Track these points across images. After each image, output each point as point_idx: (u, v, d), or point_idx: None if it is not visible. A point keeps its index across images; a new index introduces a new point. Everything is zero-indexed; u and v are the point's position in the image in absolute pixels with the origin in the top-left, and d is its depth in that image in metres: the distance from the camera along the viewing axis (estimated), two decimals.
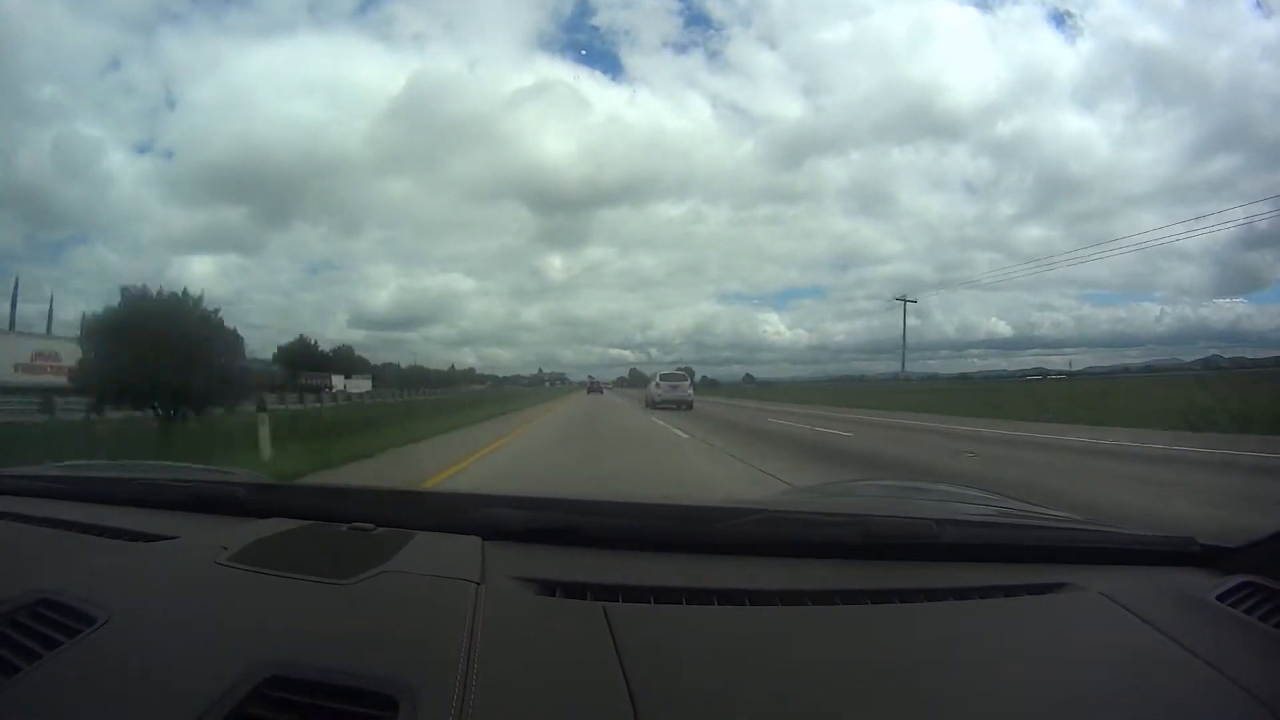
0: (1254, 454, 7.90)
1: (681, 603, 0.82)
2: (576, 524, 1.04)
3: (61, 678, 0.66)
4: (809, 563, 0.97)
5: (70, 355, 15.11)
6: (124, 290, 11.59)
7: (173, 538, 1.06)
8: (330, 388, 47.35)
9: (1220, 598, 0.87)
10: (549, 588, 0.84)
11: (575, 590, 0.83)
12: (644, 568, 0.92)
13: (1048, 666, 0.74)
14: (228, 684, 0.62)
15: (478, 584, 0.83)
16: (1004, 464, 8.19)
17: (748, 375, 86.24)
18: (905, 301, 45.24)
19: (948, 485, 2.00)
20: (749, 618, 0.81)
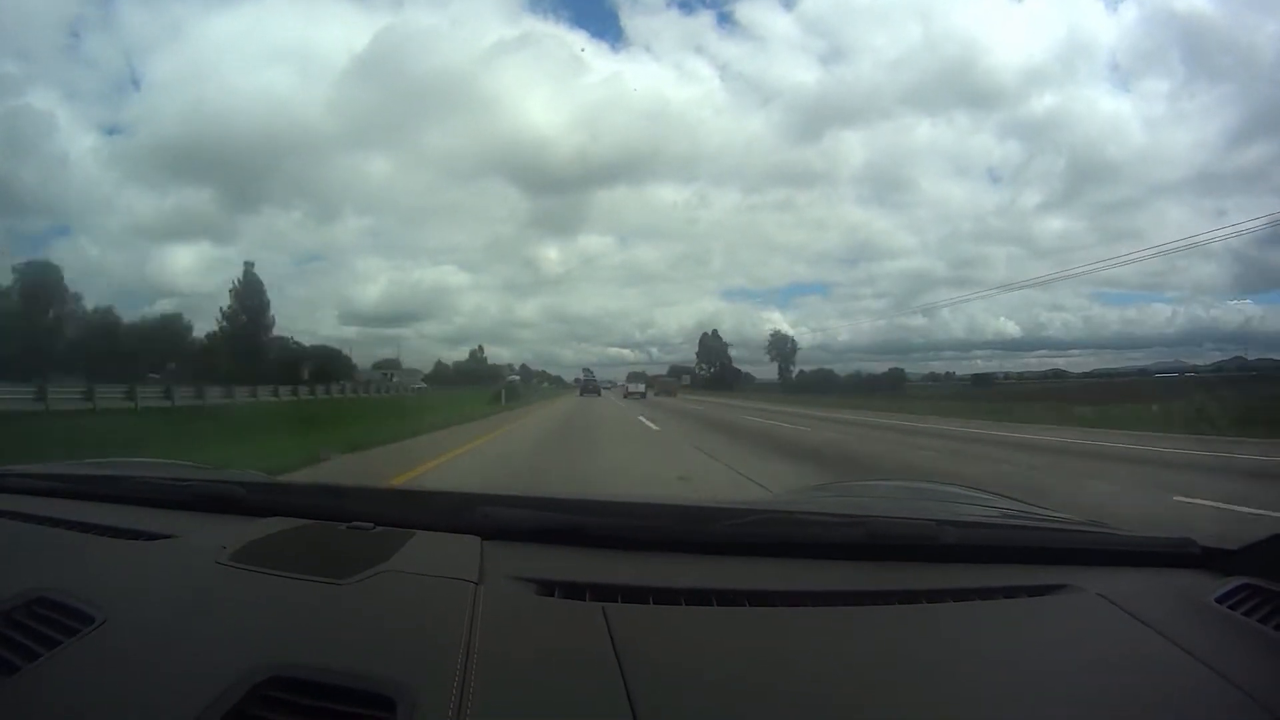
0: None
1: (680, 603, 0.82)
2: (576, 524, 1.04)
3: (60, 677, 0.66)
4: (809, 563, 0.97)
5: None
6: None
7: (172, 537, 1.06)
8: None
9: (1220, 600, 0.87)
10: (548, 588, 0.84)
11: (574, 590, 0.83)
12: (643, 568, 0.92)
13: (1046, 668, 0.74)
14: (226, 684, 0.62)
15: (476, 584, 0.83)
16: None
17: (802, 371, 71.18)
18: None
19: (949, 486, 2.00)
20: (748, 619, 0.81)
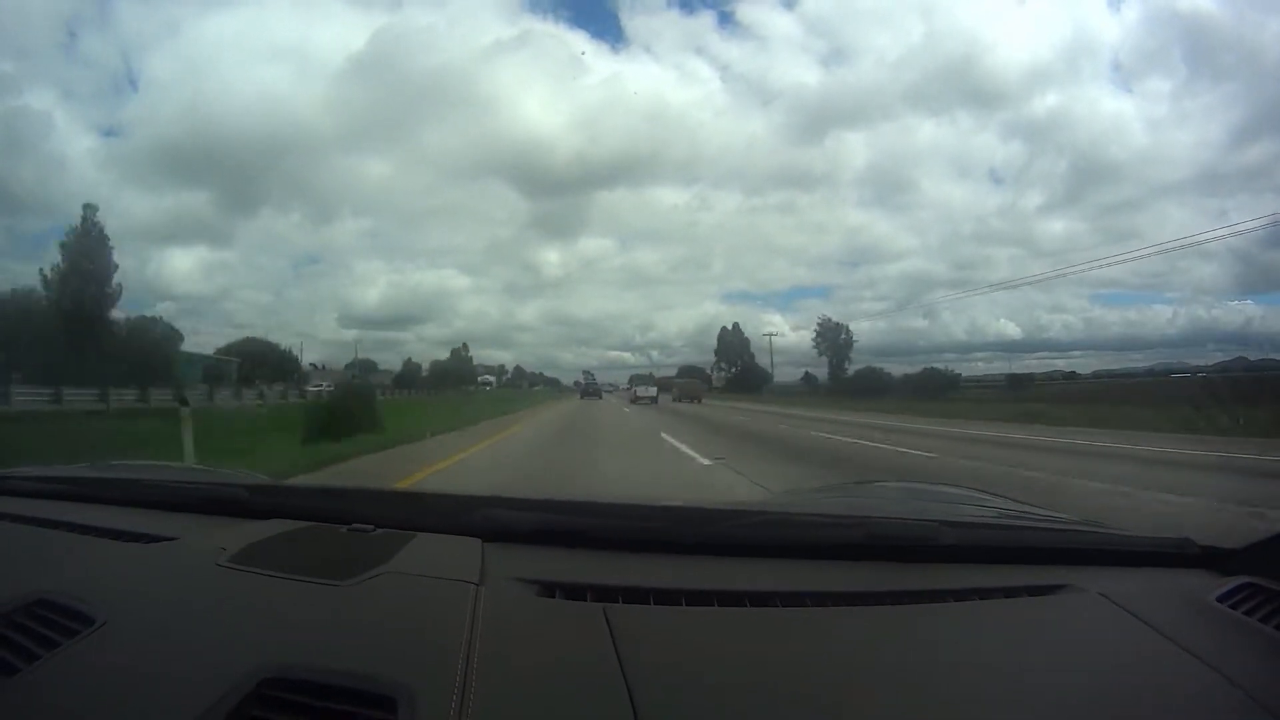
0: None
1: (681, 604, 0.82)
2: (577, 525, 1.04)
3: (60, 679, 0.66)
4: (810, 564, 0.97)
5: None
6: None
7: (172, 539, 1.06)
8: None
9: (1220, 599, 0.87)
10: (549, 589, 0.84)
11: (575, 591, 0.83)
12: (644, 569, 0.92)
13: (1047, 668, 0.74)
14: (227, 685, 0.62)
15: (477, 585, 0.83)
16: None
17: (806, 373, 63.11)
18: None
19: (948, 487, 2.00)
20: (749, 619, 0.81)
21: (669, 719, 0.60)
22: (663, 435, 13.27)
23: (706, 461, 8.88)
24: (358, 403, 14.31)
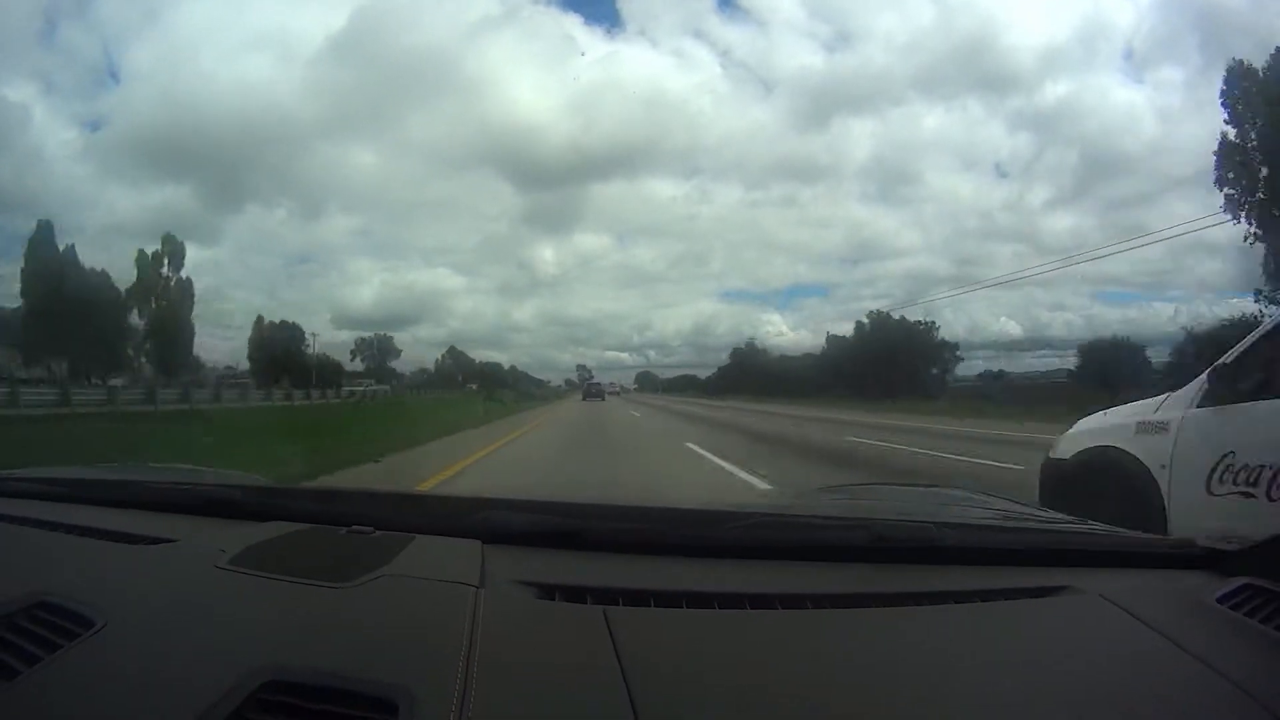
0: None
1: (682, 606, 0.82)
2: (577, 527, 1.04)
3: (60, 681, 0.66)
4: (810, 566, 0.97)
5: None
6: None
7: (171, 541, 1.06)
8: None
9: (1221, 600, 0.87)
10: (549, 591, 0.84)
11: (575, 594, 0.83)
12: (644, 571, 0.92)
13: (1048, 670, 0.74)
14: (226, 688, 0.61)
15: (477, 588, 0.83)
16: None
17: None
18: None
19: (948, 488, 2.00)
20: (750, 621, 0.81)
21: None
22: None
23: None
24: None
